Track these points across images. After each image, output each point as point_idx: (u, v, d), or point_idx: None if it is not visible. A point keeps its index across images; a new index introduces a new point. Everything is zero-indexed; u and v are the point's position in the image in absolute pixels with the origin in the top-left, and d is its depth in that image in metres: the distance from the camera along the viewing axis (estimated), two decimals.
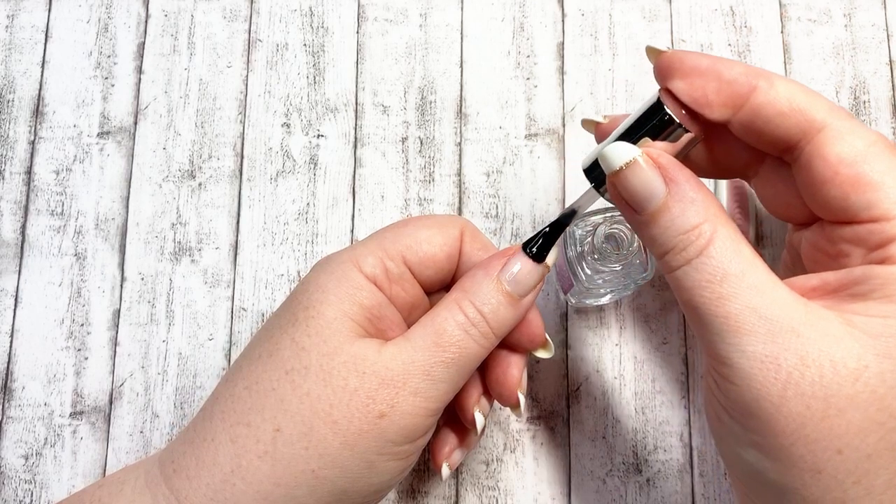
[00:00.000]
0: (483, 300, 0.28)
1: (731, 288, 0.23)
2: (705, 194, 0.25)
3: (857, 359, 0.22)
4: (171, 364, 0.39)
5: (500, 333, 0.29)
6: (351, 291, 0.28)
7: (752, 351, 0.23)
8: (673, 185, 0.24)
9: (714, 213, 0.24)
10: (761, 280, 0.23)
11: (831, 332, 0.22)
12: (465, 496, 0.37)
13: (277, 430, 0.27)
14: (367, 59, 0.42)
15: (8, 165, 0.41)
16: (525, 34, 0.42)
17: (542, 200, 0.40)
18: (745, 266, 0.23)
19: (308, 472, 0.26)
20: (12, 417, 0.38)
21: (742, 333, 0.23)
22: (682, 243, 0.24)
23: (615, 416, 0.38)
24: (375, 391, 0.27)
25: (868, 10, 0.42)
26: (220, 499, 0.26)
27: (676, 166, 0.25)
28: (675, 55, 0.26)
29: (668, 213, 0.24)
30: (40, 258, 0.40)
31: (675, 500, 0.37)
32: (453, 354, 0.28)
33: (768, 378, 0.22)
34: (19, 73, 0.42)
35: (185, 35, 0.42)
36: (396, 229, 0.30)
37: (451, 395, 0.28)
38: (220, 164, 0.41)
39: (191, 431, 0.28)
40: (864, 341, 0.22)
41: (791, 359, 0.22)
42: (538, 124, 0.41)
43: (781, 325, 0.22)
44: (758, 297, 0.23)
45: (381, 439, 0.27)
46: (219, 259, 0.40)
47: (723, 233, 0.24)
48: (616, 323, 0.39)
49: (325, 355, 0.27)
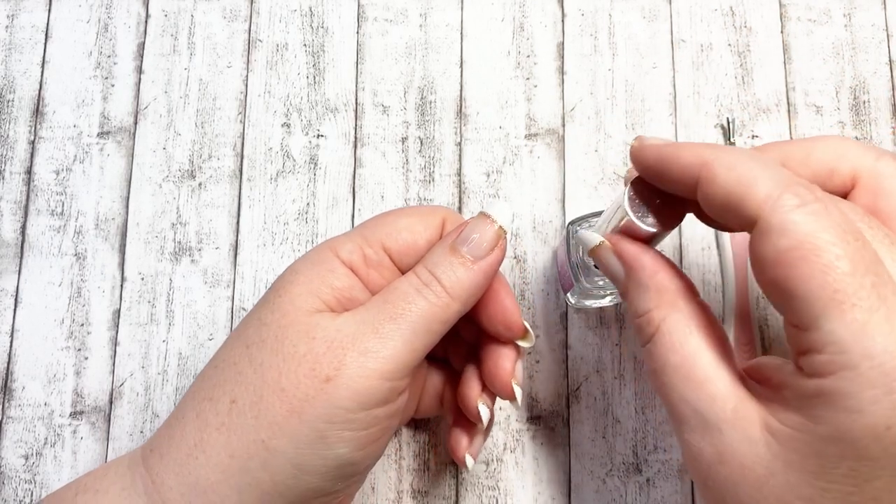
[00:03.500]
0: (435, 262, 0.28)
1: (668, 379, 0.25)
2: (661, 280, 0.26)
3: (766, 466, 0.23)
4: (171, 364, 0.39)
5: (456, 294, 0.28)
6: (322, 273, 0.28)
7: (686, 439, 0.25)
8: (630, 271, 0.27)
9: (667, 300, 0.26)
10: (698, 372, 0.24)
11: (749, 436, 0.23)
12: (465, 496, 0.37)
13: (233, 401, 0.27)
14: (367, 59, 0.42)
15: (8, 165, 0.41)
16: (525, 34, 0.42)
17: (542, 200, 0.40)
18: (685, 357, 0.25)
19: (259, 441, 0.26)
20: (12, 417, 0.38)
21: (681, 422, 0.25)
22: (638, 326, 0.26)
23: (615, 416, 0.38)
24: (322, 355, 0.26)
25: (868, 10, 0.42)
26: (185, 472, 0.27)
27: (634, 253, 0.27)
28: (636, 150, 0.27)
29: (628, 295, 0.27)
30: (40, 258, 0.40)
31: (675, 500, 0.37)
32: (402, 310, 0.27)
33: (695, 465, 0.25)
34: (19, 73, 0.42)
35: (185, 35, 0.42)
36: (378, 218, 0.30)
37: (408, 357, 0.27)
38: (220, 164, 0.41)
39: (170, 416, 0.29)
40: (775, 450, 0.23)
41: (711, 454, 0.24)
42: (538, 124, 0.41)
43: (708, 420, 0.24)
44: (692, 391, 0.24)
45: (330, 405, 0.26)
46: (219, 259, 0.40)
47: (670, 321, 0.25)
48: (616, 323, 0.39)
49: (282, 327, 0.27)
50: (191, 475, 0.27)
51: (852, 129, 0.41)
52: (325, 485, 0.27)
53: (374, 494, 0.37)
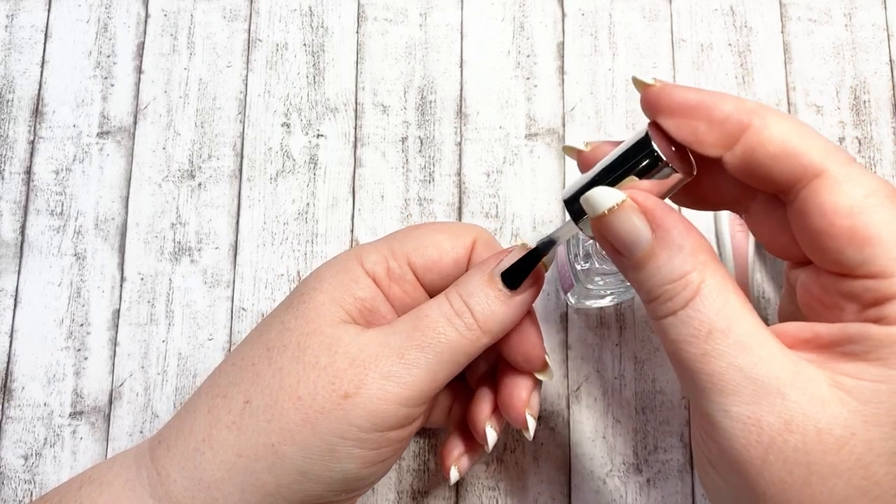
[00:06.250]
0: (470, 291, 0.27)
1: (716, 345, 0.22)
2: (695, 239, 0.23)
3: (844, 426, 0.21)
4: (170, 364, 0.39)
5: (487, 328, 0.27)
6: (346, 282, 0.28)
7: (735, 412, 0.22)
8: (660, 231, 0.23)
9: (703, 259, 0.23)
10: (748, 336, 0.22)
11: (818, 396, 0.21)
12: (465, 496, 0.37)
13: (247, 401, 0.27)
14: (367, 59, 0.42)
15: (8, 165, 0.41)
16: (525, 34, 0.42)
17: (542, 200, 0.40)
18: (731, 320, 0.22)
19: (268, 445, 0.26)
20: (12, 417, 0.38)
21: (726, 393, 0.22)
22: (667, 293, 0.23)
23: (615, 416, 0.38)
24: (343, 371, 0.26)
25: (868, 10, 0.42)
26: (190, 467, 0.27)
27: (664, 210, 0.23)
28: (663, 90, 0.24)
29: (654, 260, 0.23)
30: (40, 258, 0.40)
31: (675, 500, 0.37)
32: (430, 339, 0.27)
33: (750, 441, 0.22)
34: (19, 73, 0.42)
35: (185, 35, 0.42)
36: (408, 231, 0.30)
37: (428, 386, 0.27)
38: (220, 164, 0.41)
39: (181, 408, 0.29)
40: (852, 407, 0.21)
41: (775, 423, 0.21)
42: (538, 124, 0.41)
43: (767, 386, 0.22)
44: (744, 356, 0.22)
45: (344, 421, 0.26)
46: (218, 259, 0.40)
47: (711, 283, 0.23)
48: (616, 323, 0.39)
49: (305, 335, 0.27)
50: (196, 469, 0.27)
51: (853, 128, 0.41)
52: (328, 494, 0.27)
53: (374, 495, 0.37)
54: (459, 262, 0.29)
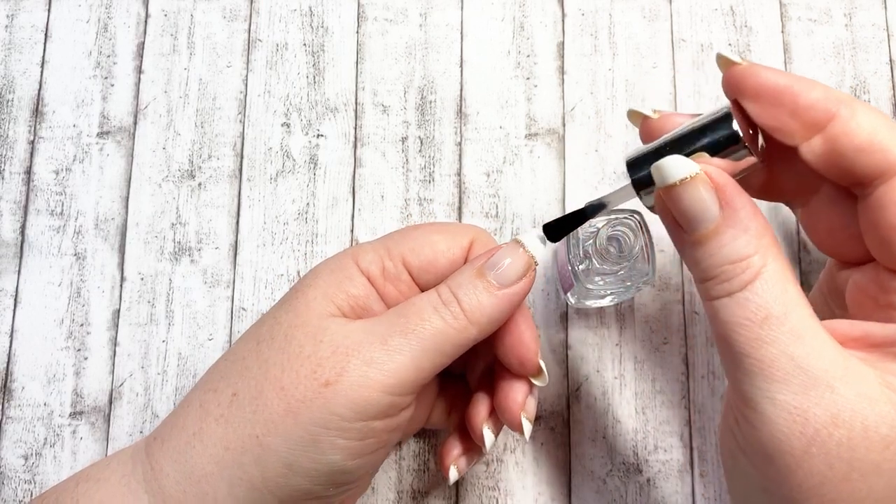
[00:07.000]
0: (458, 283, 0.27)
1: (770, 331, 0.22)
2: (761, 223, 0.23)
3: (891, 425, 0.21)
4: (170, 364, 0.39)
5: (475, 319, 0.27)
6: (340, 279, 0.28)
7: (782, 400, 0.22)
8: (728, 210, 0.23)
9: (767, 244, 0.23)
10: (803, 325, 0.22)
11: (867, 394, 0.21)
12: (465, 496, 0.37)
13: (234, 394, 0.27)
14: (367, 59, 0.42)
15: (8, 165, 0.41)
16: (525, 34, 0.42)
17: (542, 200, 0.40)
18: (789, 308, 0.22)
19: (253, 437, 0.26)
20: (12, 417, 0.38)
21: (774, 380, 0.22)
22: (726, 274, 0.23)
23: (615, 416, 0.38)
24: (326, 359, 0.26)
25: (868, 10, 0.42)
26: (182, 460, 0.27)
27: (735, 189, 0.23)
28: (750, 70, 0.24)
29: (718, 238, 0.23)
30: (40, 258, 0.40)
31: (675, 500, 0.37)
32: (414, 326, 0.26)
33: (794, 431, 0.21)
34: (19, 73, 0.42)
35: (185, 35, 0.42)
36: (405, 231, 0.30)
37: (412, 375, 0.26)
38: (220, 164, 0.41)
39: (178, 405, 0.29)
40: None
41: (822, 416, 0.21)
42: (538, 124, 0.41)
43: (817, 378, 0.21)
44: (797, 345, 0.22)
45: (326, 410, 0.25)
46: (218, 259, 0.40)
47: (772, 268, 0.22)
48: (616, 323, 0.39)
49: (293, 327, 0.27)
50: (187, 463, 0.27)
51: None
52: (316, 489, 0.27)
53: (375, 494, 0.37)
54: (455, 262, 0.29)
